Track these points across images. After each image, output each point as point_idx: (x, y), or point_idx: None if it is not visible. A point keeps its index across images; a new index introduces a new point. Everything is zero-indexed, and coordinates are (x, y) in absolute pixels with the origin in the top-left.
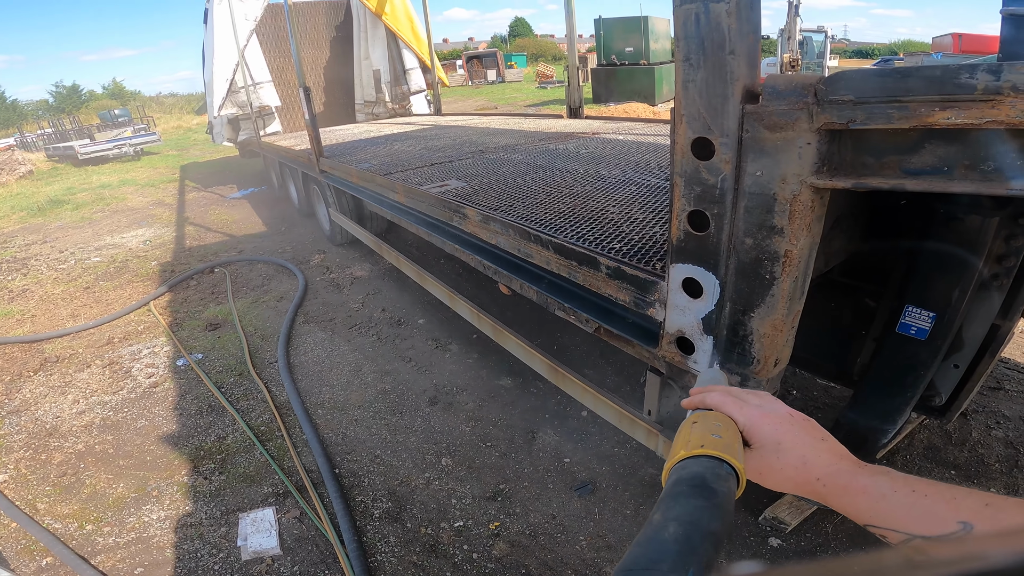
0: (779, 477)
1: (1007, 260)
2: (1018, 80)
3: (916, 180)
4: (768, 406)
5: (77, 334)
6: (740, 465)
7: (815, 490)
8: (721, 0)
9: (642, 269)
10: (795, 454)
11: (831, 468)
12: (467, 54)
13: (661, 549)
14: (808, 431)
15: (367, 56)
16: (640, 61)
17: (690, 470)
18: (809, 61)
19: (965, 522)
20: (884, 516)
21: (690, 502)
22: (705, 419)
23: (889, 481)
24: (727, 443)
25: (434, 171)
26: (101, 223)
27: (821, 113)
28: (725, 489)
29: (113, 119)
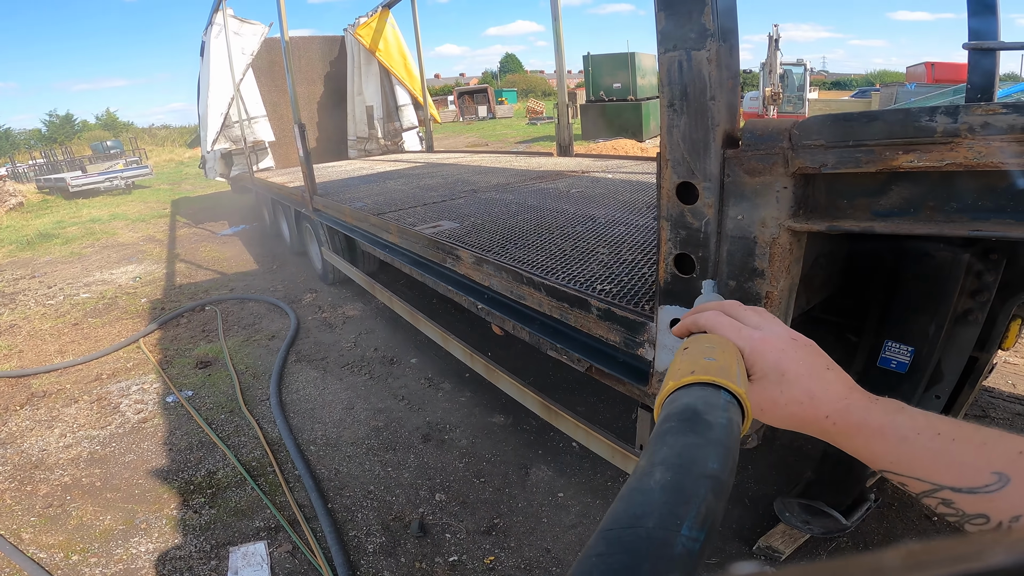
0: (782, 413)
1: (980, 295)
2: (974, 122)
3: (885, 222)
4: (769, 327)
5: (65, 370)
6: (741, 390)
7: (823, 428)
8: (702, 48)
9: (631, 311)
10: (800, 386)
11: (841, 403)
12: (458, 90)
13: (645, 501)
14: (814, 358)
15: (360, 92)
16: (628, 97)
17: (680, 403)
18: (790, 94)
19: (1000, 473)
20: (906, 462)
21: (679, 440)
22: (697, 342)
23: (909, 421)
24: (722, 366)
25: (427, 211)
26: (91, 258)
27: (796, 158)
28: (724, 420)
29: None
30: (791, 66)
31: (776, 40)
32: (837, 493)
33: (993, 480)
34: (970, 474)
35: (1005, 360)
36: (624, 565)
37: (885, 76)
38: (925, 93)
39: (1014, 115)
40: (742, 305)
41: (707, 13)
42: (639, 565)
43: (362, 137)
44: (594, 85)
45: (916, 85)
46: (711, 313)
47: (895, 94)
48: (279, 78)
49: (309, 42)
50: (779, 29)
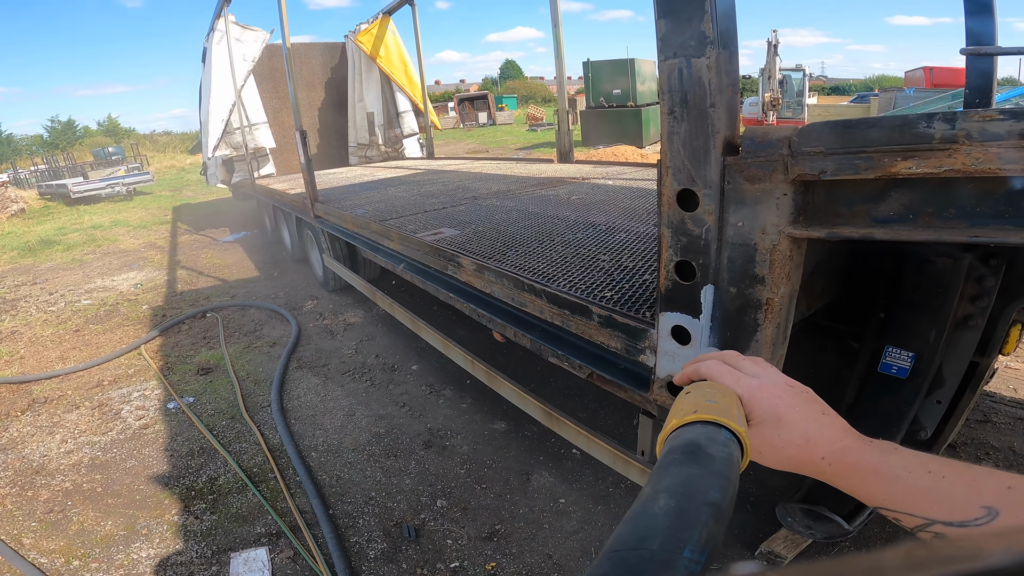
0: (780, 455)
1: (980, 300)
2: (972, 128)
3: (884, 229)
4: (766, 376)
5: (66, 376)
6: (740, 429)
7: (819, 469)
8: (702, 55)
9: (632, 317)
10: (797, 430)
11: (836, 446)
12: (459, 96)
13: (650, 525)
14: (809, 404)
15: (361, 98)
16: (627, 103)
17: (683, 438)
18: (789, 100)
19: (990, 507)
20: (899, 499)
21: (683, 470)
22: (699, 388)
23: (901, 460)
24: (723, 408)
25: (428, 218)
26: (92, 265)
27: (795, 165)
28: (724, 455)
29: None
30: (790, 72)
31: (775, 46)
32: (839, 498)
33: (983, 514)
34: (960, 508)
35: (1006, 365)
36: None
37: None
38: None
39: (1011, 121)
40: (740, 355)
41: (707, 20)
42: None
43: (363, 144)
44: (594, 91)
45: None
46: (711, 362)
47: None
48: (280, 84)
49: (310, 49)
50: (778, 35)
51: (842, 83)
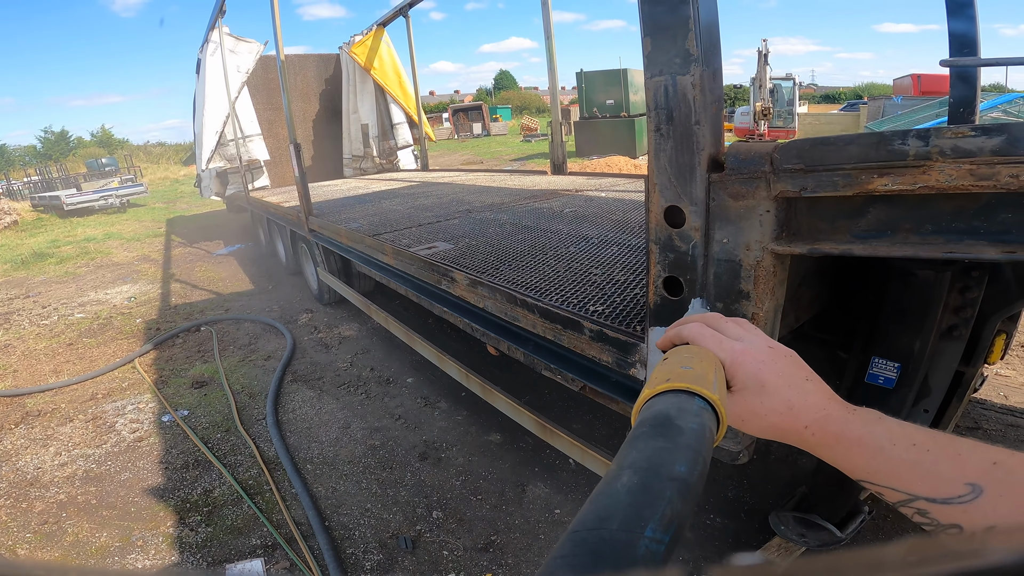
0: (762, 423)
1: (964, 311)
2: (945, 145)
3: (863, 244)
4: (749, 339)
5: (60, 389)
6: (714, 396)
7: (802, 438)
8: (687, 73)
9: (623, 332)
10: (779, 397)
11: (820, 414)
12: (453, 107)
13: (611, 503)
14: (793, 369)
15: (355, 110)
16: (620, 113)
17: (653, 409)
18: (780, 109)
19: (973, 484)
20: (882, 473)
21: (649, 444)
22: (677, 353)
23: (886, 432)
24: (698, 374)
25: (422, 232)
26: (85, 278)
27: (777, 182)
28: (695, 425)
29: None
30: (780, 80)
31: (765, 55)
32: (831, 506)
33: (967, 491)
34: (944, 485)
35: (996, 372)
36: (586, 567)
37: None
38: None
39: (983, 138)
40: (724, 317)
41: (691, 38)
42: (601, 566)
43: (357, 156)
44: (587, 102)
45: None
46: (693, 325)
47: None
48: (274, 96)
49: (304, 60)
50: (768, 44)
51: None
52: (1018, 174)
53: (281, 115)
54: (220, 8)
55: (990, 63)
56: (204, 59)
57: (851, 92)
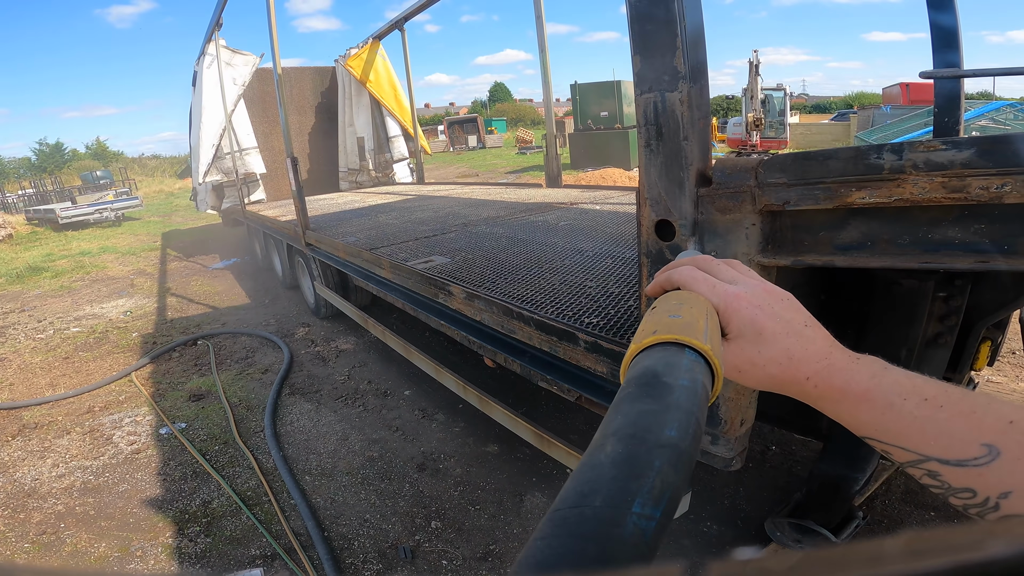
0: (761, 374)
1: (948, 319)
2: (918, 159)
3: (845, 256)
4: (744, 282)
5: (56, 402)
6: (706, 346)
7: (803, 390)
8: (675, 90)
9: (617, 343)
10: (778, 346)
11: (821, 363)
12: (448, 120)
13: (595, 477)
14: (792, 313)
15: (351, 123)
16: (615, 125)
17: (640, 366)
18: (771, 119)
19: (990, 445)
20: (891, 431)
21: (635, 407)
22: (666, 300)
23: (895, 384)
24: (687, 322)
25: (419, 245)
26: (81, 292)
27: (762, 195)
28: (685, 382)
29: (95, 181)
30: (771, 91)
31: (756, 65)
32: (826, 512)
33: (983, 453)
34: (958, 445)
35: (988, 379)
36: (568, 549)
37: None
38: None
39: (953, 151)
40: (716, 259)
41: (678, 56)
42: (584, 549)
43: (353, 169)
44: (581, 114)
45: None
46: (684, 268)
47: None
48: (270, 109)
49: (301, 73)
50: (759, 54)
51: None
52: (988, 186)
53: (277, 128)
54: (217, 21)
55: (969, 74)
56: (201, 71)
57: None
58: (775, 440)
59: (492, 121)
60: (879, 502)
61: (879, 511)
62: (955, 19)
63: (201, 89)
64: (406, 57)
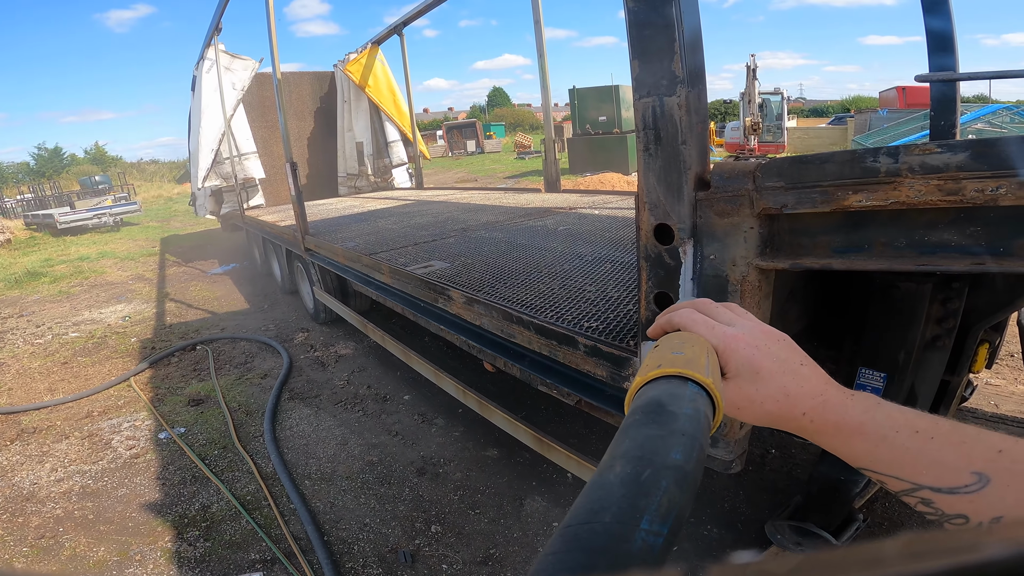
0: (759, 411)
1: (946, 322)
2: (913, 162)
3: (842, 259)
4: (742, 324)
5: (55, 407)
6: (707, 380)
7: (800, 426)
8: (673, 94)
9: (616, 347)
10: (775, 384)
11: (817, 400)
12: (447, 125)
13: (604, 495)
14: (787, 353)
15: (350, 128)
16: (613, 130)
17: (645, 397)
18: (769, 123)
19: (980, 473)
20: (885, 461)
21: (642, 432)
22: (668, 340)
23: (887, 418)
24: (689, 359)
25: (418, 250)
26: (79, 297)
27: (760, 199)
28: (689, 410)
29: (93, 186)
30: (769, 95)
31: (754, 70)
32: (826, 514)
33: (973, 480)
34: (950, 474)
35: (987, 381)
36: (580, 564)
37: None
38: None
39: (948, 154)
40: (714, 303)
41: (676, 61)
42: (595, 563)
43: (352, 174)
44: (580, 118)
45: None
46: (684, 311)
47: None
48: (269, 114)
49: (300, 78)
50: (756, 58)
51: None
52: (983, 188)
53: (276, 133)
54: (216, 25)
55: (964, 78)
56: (200, 76)
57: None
58: (775, 443)
59: (491, 126)
60: (879, 504)
61: (879, 513)
62: (950, 22)
63: (200, 94)
64: (405, 62)
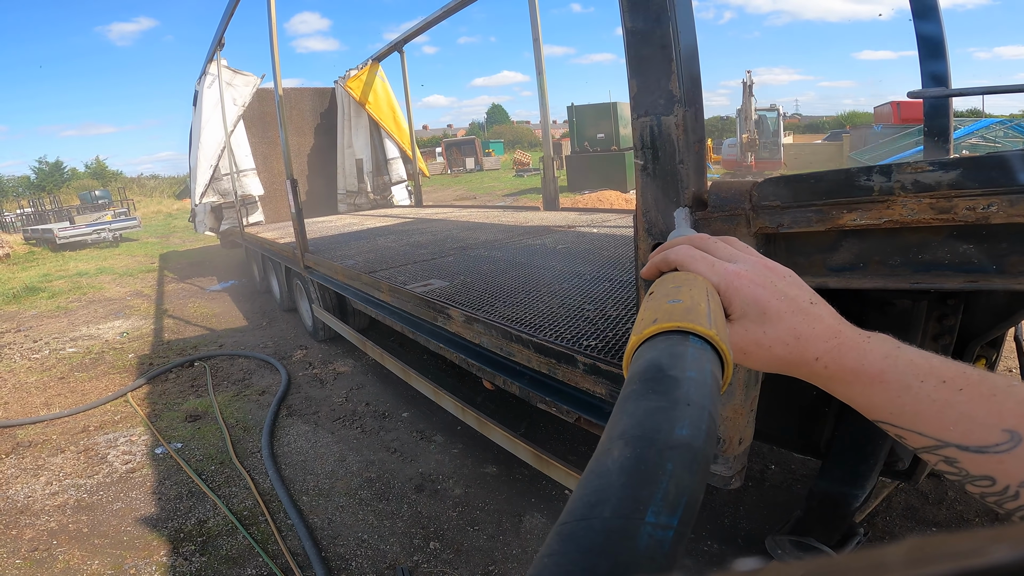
0: (767, 356)
1: (942, 338)
2: (906, 180)
3: (837, 277)
4: (744, 259)
5: (51, 422)
6: (711, 331)
7: (813, 371)
8: (671, 114)
9: (616, 365)
10: (784, 325)
11: (831, 343)
12: (446, 142)
13: (602, 485)
14: (795, 291)
15: (350, 145)
16: (611, 147)
17: (643, 360)
18: (766, 140)
19: (1012, 431)
20: (907, 415)
21: (640, 405)
22: (663, 284)
23: (910, 365)
24: (688, 306)
25: (417, 269)
26: (77, 313)
27: (757, 218)
28: (693, 373)
29: (93, 200)
30: (765, 111)
31: (750, 86)
32: (826, 529)
33: (1004, 439)
34: (979, 431)
35: None
36: (579, 566)
37: (855, 117)
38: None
39: (940, 172)
40: (713, 238)
41: (673, 80)
42: (595, 565)
43: (351, 191)
44: (578, 135)
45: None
46: (680, 248)
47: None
48: (269, 130)
49: (300, 94)
50: (752, 75)
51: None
52: (975, 206)
53: (276, 149)
54: (219, 41)
55: (956, 94)
56: (201, 91)
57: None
58: (774, 459)
59: (489, 143)
60: (880, 518)
61: (880, 527)
62: (941, 31)
63: (201, 109)
64: (405, 79)
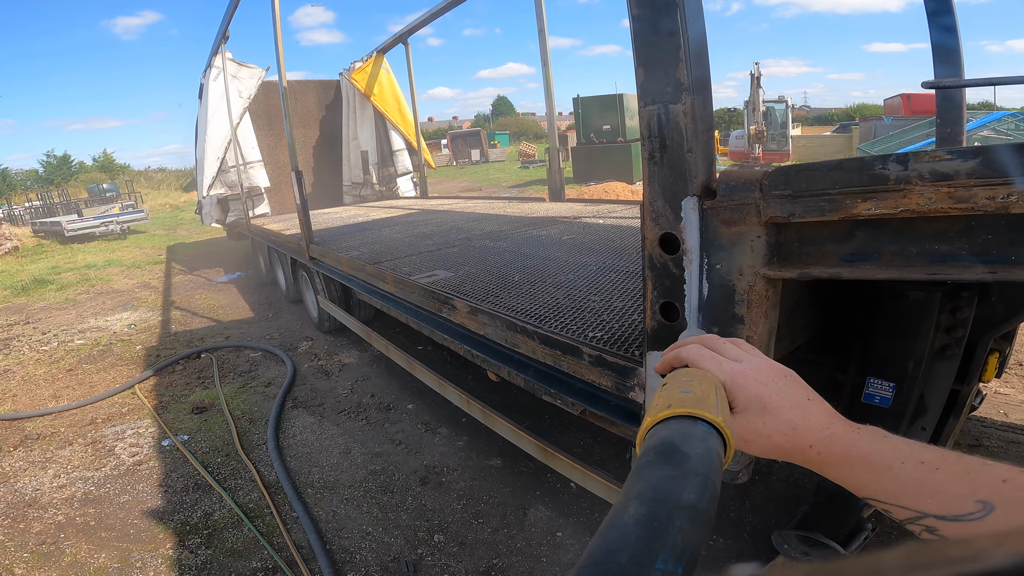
0: (766, 444)
1: (956, 331)
2: (924, 169)
3: (851, 268)
4: (749, 359)
5: (59, 414)
6: (717, 419)
7: (807, 458)
8: (679, 102)
9: (622, 356)
10: (782, 418)
11: (823, 433)
12: (452, 134)
13: (619, 536)
14: (794, 388)
15: (355, 136)
16: (617, 139)
17: (657, 437)
18: (774, 131)
19: (984, 501)
20: (891, 491)
21: (655, 473)
22: (676, 377)
23: (893, 450)
24: (699, 397)
25: (422, 260)
26: (85, 305)
27: (767, 208)
28: (701, 450)
29: (101, 193)
30: (773, 103)
31: (758, 78)
32: (834, 524)
33: (977, 508)
34: (954, 502)
35: (996, 390)
36: None
37: (864, 109)
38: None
39: (958, 160)
40: (721, 338)
41: (681, 68)
42: None
43: (356, 183)
44: (584, 127)
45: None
46: (691, 347)
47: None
48: (275, 122)
49: (305, 86)
50: (760, 66)
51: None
52: (994, 196)
53: (281, 141)
54: (223, 33)
55: (971, 83)
56: (207, 84)
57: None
58: None
59: (495, 135)
60: None
61: (888, 523)
62: (955, 29)
63: (207, 102)
64: (410, 71)
